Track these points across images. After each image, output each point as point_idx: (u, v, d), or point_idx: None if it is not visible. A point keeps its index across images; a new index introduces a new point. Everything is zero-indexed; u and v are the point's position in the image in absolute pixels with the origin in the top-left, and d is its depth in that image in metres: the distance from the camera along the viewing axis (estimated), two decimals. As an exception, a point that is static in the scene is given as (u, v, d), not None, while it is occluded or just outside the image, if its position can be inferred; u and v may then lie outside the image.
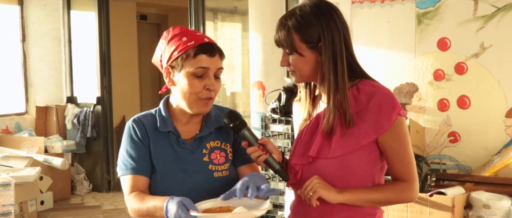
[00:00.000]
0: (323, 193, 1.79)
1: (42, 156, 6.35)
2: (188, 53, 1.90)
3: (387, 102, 1.82)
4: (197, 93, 1.91)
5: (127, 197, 1.94)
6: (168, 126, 1.99)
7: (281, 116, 4.70)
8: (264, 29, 5.14)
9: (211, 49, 1.92)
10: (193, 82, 1.90)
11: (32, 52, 7.30)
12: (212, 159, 2.00)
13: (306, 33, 1.85)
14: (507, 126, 4.04)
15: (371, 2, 4.54)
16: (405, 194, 1.87)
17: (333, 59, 1.83)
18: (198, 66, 1.89)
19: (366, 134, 1.82)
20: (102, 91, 7.26)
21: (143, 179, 1.95)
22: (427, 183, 3.75)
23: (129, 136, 2.00)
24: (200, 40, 1.92)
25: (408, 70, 4.40)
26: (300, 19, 1.85)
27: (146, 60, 9.58)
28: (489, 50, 4.07)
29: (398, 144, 1.84)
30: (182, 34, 1.94)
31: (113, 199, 6.88)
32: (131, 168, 1.95)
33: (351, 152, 1.84)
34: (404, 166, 1.86)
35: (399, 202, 1.91)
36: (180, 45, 1.92)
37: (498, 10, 4.02)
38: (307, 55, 1.86)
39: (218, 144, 2.03)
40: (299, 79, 1.94)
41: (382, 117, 1.81)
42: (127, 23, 7.99)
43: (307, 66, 1.88)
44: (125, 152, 1.98)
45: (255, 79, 5.30)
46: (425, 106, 4.33)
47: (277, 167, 1.92)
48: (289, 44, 1.86)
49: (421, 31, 4.32)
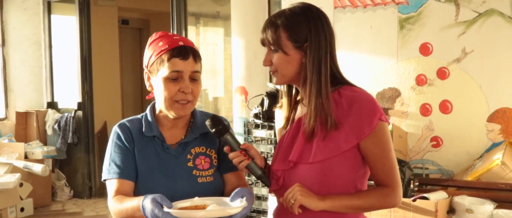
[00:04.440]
0: (304, 201, 1.78)
1: (22, 162, 6.28)
2: (162, 58, 1.92)
3: (368, 107, 1.82)
4: (172, 97, 1.93)
5: (110, 201, 1.94)
6: (154, 131, 2.00)
7: (264, 121, 4.68)
8: (246, 34, 5.13)
9: (184, 52, 1.93)
10: (168, 86, 1.92)
11: (12, 57, 7.23)
12: (197, 164, 2.00)
13: (294, 31, 1.85)
14: (488, 130, 4.07)
15: (354, 7, 4.54)
16: (388, 200, 1.86)
17: (318, 61, 1.84)
18: (172, 70, 1.91)
19: (347, 139, 1.82)
20: (83, 97, 7.19)
21: (127, 183, 1.95)
22: (410, 188, 3.75)
23: (114, 140, 2.01)
24: (174, 44, 1.93)
25: (390, 75, 4.41)
26: (289, 18, 1.87)
27: (128, 65, 9.61)
28: (471, 55, 4.09)
29: (380, 149, 1.83)
30: (160, 39, 1.97)
31: (94, 206, 6.81)
32: (115, 172, 1.96)
33: (332, 157, 1.83)
34: (386, 171, 1.85)
35: (382, 207, 1.90)
36: (156, 50, 1.95)
37: (480, 16, 4.04)
38: (292, 54, 1.86)
39: (203, 149, 2.04)
40: (280, 79, 1.92)
41: (363, 122, 1.80)
42: (109, 28, 7.94)
43: (290, 66, 1.87)
44: (110, 157, 1.99)
45: (238, 85, 5.28)
46: (408, 111, 4.34)
47: (259, 172, 1.91)
48: (275, 41, 1.87)
49: (404, 36, 4.33)
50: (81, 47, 7.15)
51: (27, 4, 7.31)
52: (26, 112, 7.24)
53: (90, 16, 7.21)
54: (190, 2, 6.32)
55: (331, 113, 1.82)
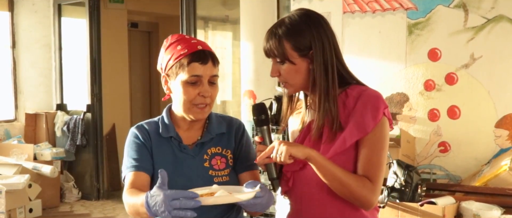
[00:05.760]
0: (292, 150, 1.78)
1: (31, 164, 6.31)
2: (181, 62, 1.93)
3: (373, 102, 1.84)
4: (191, 100, 1.94)
5: (123, 194, 1.93)
6: (170, 132, 2.02)
7: (272, 125, 4.70)
8: (255, 38, 5.15)
9: (203, 56, 1.94)
10: (188, 90, 1.93)
11: (22, 58, 7.28)
12: (213, 164, 2.03)
13: (297, 40, 1.85)
14: (496, 136, 4.07)
15: (363, 12, 4.56)
16: (365, 191, 1.81)
17: (324, 66, 1.85)
18: (192, 75, 1.92)
19: (351, 134, 1.83)
20: (92, 99, 7.22)
21: (143, 175, 1.96)
22: (417, 193, 3.76)
23: (132, 139, 2.03)
24: (193, 48, 1.94)
25: (399, 80, 4.42)
26: (290, 27, 1.87)
27: (137, 68, 9.64)
28: (479, 61, 4.09)
29: (373, 142, 1.83)
30: (177, 43, 1.97)
31: (102, 207, 6.84)
32: (131, 166, 1.97)
33: (339, 153, 1.84)
34: (371, 165, 1.82)
35: (357, 195, 1.81)
36: (174, 53, 1.95)
37: (488, 21, 4.05)
38: (298, 63, 1.87)
39: (219, 150, 2.06)
40: (292, 90, 1.95)
41: (367, 117, 1.82)
42: (118, 30, 7.97)
43: (299, 74, 1.88)
44: (127, 155, 2.01)
45: (246, 88, 5.31)
46: (416, 116, 4.35)
47: (274, 175, 1.91)
48: (280, 52, 1.87)
49: (412, 42, 4.34)
50: (91, 50, 7.19)
51: (37, 7, 7.36)
52: (35, 114, 7.28)
53: (100, 19, 7.25)
54: (199, 6, 6.35)
55: (337, 116, 1.84)
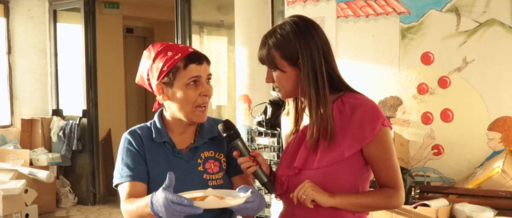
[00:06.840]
0: (316, 196, 1.83)
1: (27, 169, 6.31)
2: (177, 66, 1.95)
3: (371, 113, 1.87)
4: (193, 102, 1.97)
5: (122, 204, 1.95)
6: (164, 137, 2.03)
7: (267, 129, 4.72)
8: (250, 42, 5.17)
9: (198, 57, 1.98)
10: (188, 92, 1.96)
11: (17, 64, 7.28)
12: (207, 168, 2.04)
13: (285, 50, 1.90)
14: (489, 138, 4.09)
15: (356, 17, 4.59)
16: (393, 200, 1.91)
17: (313, 75, 1.88)
18: (191, 76, 1.95)
19: (350, 145, 1.86)
20: (88, 104, 7.24)
21: (140, 185, 1.97)
22: (411, 195, 3.78)
23: (125, 146, 2.03)
24: (185, 52, 1.97)
25: (392, 84, 4.45)
26: (279, 37, 1.91)
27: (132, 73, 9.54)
28: (472, 64, 4.12)
29: (383, 153, 1.88)
30: (165, 50, 1.98)
31: (98, 212, 6.85)
32: (126, 175, 1.98)
33: (336, 163, 1.87)
34: (390, 174, 1.90)
35: (387, 207, 1.96)
36: (167, 60, 1.96)
37: (480, 25, 4.08)
38: (288, 71, 1.91)
39: (212, 153, 2.08)
40: (284, 95, 1.99)
41: (365, 128, 1.85)
42: (114, 36, 7.99)
43: (289, 82, 1.93)
44: (121, 161, 2.01)
45: (241, 93, 5.33)
46: (409, 119, 4.38)
47: (265, 179, 1.96)
48: (270, 61, 1.92)
49: (405, 46, 4.38)
50: (86, 55, 7.22)
51: (33, 13, 7.38)
52: (31, 119, 7.29)
53: (95, 24, 7.28)
54: (194, 11, 6.37)
55: (331, 122, 1.87)
